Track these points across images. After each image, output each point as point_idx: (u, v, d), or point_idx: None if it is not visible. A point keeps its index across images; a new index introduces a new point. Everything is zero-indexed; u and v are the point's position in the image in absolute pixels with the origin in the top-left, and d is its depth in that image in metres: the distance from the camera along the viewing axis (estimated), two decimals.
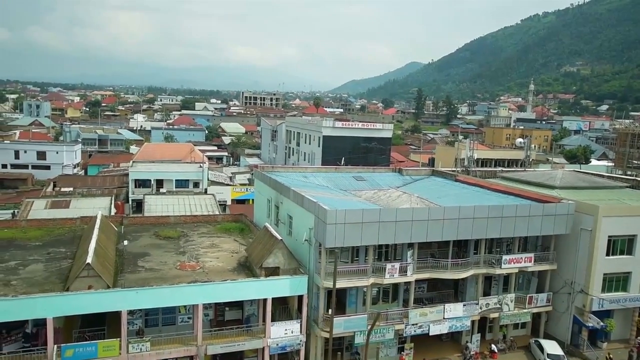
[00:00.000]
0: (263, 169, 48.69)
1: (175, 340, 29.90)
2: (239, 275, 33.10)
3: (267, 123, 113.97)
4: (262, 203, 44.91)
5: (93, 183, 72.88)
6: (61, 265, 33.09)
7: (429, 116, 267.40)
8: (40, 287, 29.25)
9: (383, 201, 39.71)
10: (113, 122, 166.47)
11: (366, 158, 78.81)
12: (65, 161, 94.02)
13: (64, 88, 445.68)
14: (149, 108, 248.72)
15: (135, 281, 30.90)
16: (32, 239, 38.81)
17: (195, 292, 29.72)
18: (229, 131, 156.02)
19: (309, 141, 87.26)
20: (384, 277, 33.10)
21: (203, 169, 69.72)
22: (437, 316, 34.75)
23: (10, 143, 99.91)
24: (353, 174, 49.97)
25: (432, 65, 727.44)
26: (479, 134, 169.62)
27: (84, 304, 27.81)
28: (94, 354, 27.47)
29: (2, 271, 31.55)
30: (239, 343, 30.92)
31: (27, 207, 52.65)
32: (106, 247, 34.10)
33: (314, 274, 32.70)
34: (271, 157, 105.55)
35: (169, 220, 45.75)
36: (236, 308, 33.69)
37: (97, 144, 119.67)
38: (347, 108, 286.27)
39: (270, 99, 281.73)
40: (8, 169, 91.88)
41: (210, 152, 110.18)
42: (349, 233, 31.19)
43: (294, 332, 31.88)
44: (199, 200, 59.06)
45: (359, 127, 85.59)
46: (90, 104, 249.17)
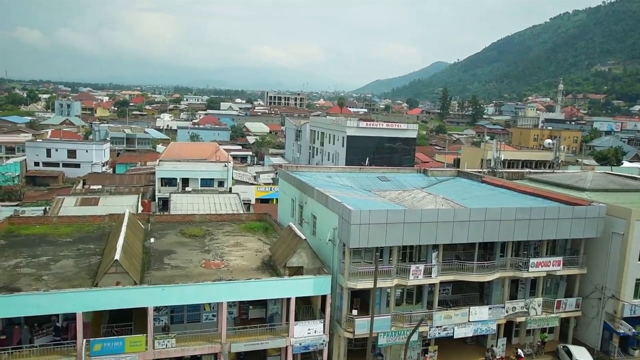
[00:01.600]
0: (287, 169, 48.86)
1: (200, 337, 30.25)
2: (263, 274, 33.28)
3: (291, 123, 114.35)
4: (286, 202, 45.07)
5: (121, 181, 74.32)
6: (90, 262, 33.83)
7: (454, 116, 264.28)
8: (70, 283, 29.95)
9: (407, 202, 39.40)
10: (140, 122, 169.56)
11: (390, 158, 78.33)
12: (95, 159, 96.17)
13: (93, 88, 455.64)
14: (175, 108, 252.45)
15: (162, 278, 31.36)
16: (63, 235, 39.76)
17: (220, 290, 30.00)
18: (254, 131, 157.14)
19: (333, 141, 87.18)
20: (408, 279, 32.84)
21: (228, 168, 70.38)
22: (461, 319, 34.31)
23: (42, 141, 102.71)
24: (377, 174, 49.72)
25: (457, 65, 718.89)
26: (505, 134, 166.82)
27: (111, 300, 28.38)
28: (121, 349, 28.01)
29: (35, 266, 32.43)
30: (263, 341, 31.10)
31: (58, 204, 54.03)
32: (133, 244, 34.71)
33: (338, 274, 32.65)
34: (295, 157, 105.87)
35: (194, 218, 46.29)
36: (260, 307, 33.88)
37: (125, 142, 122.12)
38: (371, 108, 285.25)
39: (294, 99, 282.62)
40: (40, 167, 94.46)
41: (235, 152, 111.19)
42: (373, 234, 31.05)
43: (317, 331, 31.88)
44: (223, 199, 59.65)
45: (383, 127, 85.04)
46: (119, 103, 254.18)
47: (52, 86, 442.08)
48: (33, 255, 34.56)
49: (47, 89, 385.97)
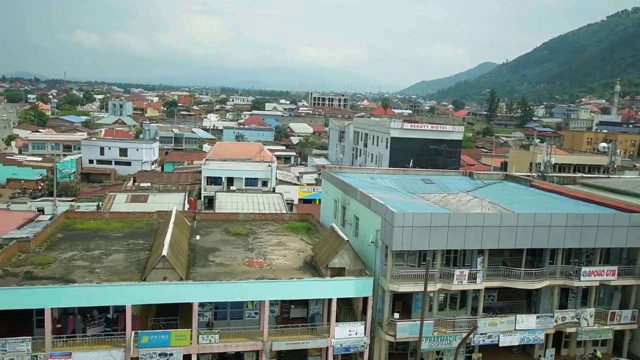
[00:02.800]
0: (330, 170, 48.93)
1: (242, 334, 30.72)
2: (305, 274, 33.45)
3: (335, 124, 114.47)
4: (328, 203, 45.15)
5: (169, 179, 76.60)
6: (139, 256, 35.02)
7: (502, 118, 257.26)
8: (120, 276, 31.12)
9: (452, 205, 38.65)
10: (188, 122, 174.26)
11: (435, 161, 77.09)
12: (144, 158, 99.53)
13: (144, 89, 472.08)
14: (222, 108, 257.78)
15: (206, 275, 32.08)
16: (114, 230, 41.36)
17: (263, 288, 30.39)
18: (297, 131, 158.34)
19: (376, 142, 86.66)
20: (452, 283, 32.19)
21: (272, 168, 71.22)
22: (507, 327, 33.32)
23: (96, 140, 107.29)
24: (421, 176, 49.05)
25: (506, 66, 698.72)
26: (556, 137, 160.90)
27: (159, 294, 29.28)
28: (167, 342, 28.82)
29: (88, 259, 33.89)
30: (304, 341, 31.26)
31: (110, 200, 56.25)
32: (180, 241, 35.68)
33: (380, 277, 32.41)
34: (338, 158, 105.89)
35: (238, 217, 47.08)
36: (301, 306, 34.07)
37: (173, 142, 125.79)
38: (416, 109, 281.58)
39: (338, 100, 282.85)
40: (94, 164, 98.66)
41: (279, 152, 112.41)
42: (416, 236, 30.64)
43: (358, 333, 31.75)
44: (267, 199, 60.42)
45: (428, 129, 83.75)
46: (168, 104, 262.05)
47: (106, 87, 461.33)
48: (87, 248, 36.12)
49: (101, 89, 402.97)
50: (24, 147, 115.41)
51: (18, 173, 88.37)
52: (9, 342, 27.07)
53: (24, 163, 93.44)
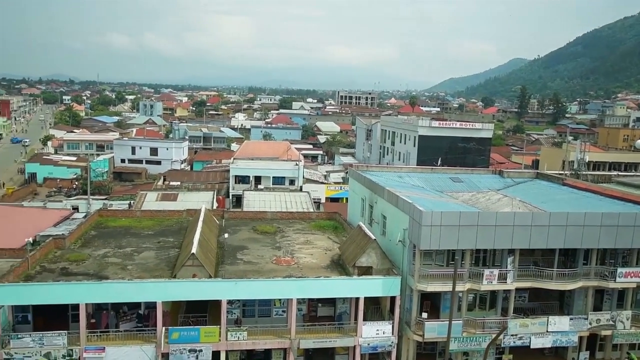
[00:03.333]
0: (357, 168, 48.80)
1: (270, 331, 30.96)
2: (332, 273, 33.48)
3: (362, 122, 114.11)
4: (356, 202, 45.05)
5: (197, 178, 77.75)
6: (169, 254, 35.68)
7: (533, 115, 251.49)
8: (151, 273, 31.78)
9: (482, 204, 38.04)
10: (216, 121, 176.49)
11: (464, 159, 76.03)
12: (174, 157, 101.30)
13: (174, 89, 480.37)
14: (249, 107, 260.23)
15: (235, 272, 32.45)
16: (145, 228, 42.23)
17: (290, 286, 30.55)
18: (324, 130, 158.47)
19: (404, 141, 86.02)
20: (482, 283, 31.69)
21: (299, 167, 71.49)
22: (539, 328, 32.62)
23: (128, 140, 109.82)
24: (450, 175, 48.42)
25: (538, 61, 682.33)
26: (590, 134, 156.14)
27: (188, 291, 29.78)
28: (196, 339, 29.30)
29: (120, 256, 34.72)
30: (331, 339, 31.30)
31: (141, 198, 57.48)
32: (209, 239, 36.18)
33: (408, 276, 32.17)
34: (365, 156, 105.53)
35: (266, 215, 47.43)
36: (329, 305, 34.11)
37: (201, 141, 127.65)
38: (444, 107, 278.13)
39: (365, 98, 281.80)
40: (126, 163, 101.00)
41: (306, 151, 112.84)
42: (445, 236, 30.29)
43: (386, 333, 31.61)
44: (294, 197, 60.70)
45: (457, 127, 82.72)
46: (197, 103, 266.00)
47: (137, 88, 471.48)
48: (119, 246, 37.01)
49: (132, 90, 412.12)
50: (59, 147, 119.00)
51: (54, 172, 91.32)
52: (46, 336, 27.99)
53: (60, 162, 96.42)
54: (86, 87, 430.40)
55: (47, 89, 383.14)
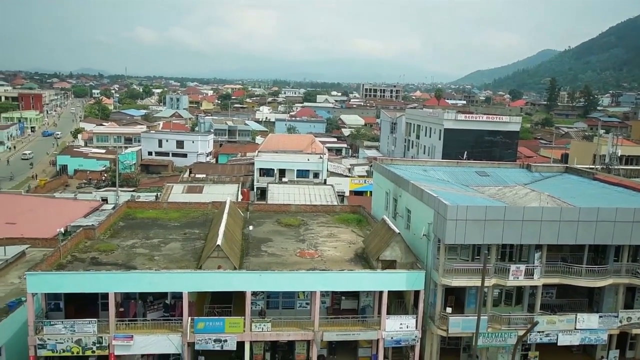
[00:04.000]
0: (382, 162, 48.55)
1: (293, 323, 31.20)
2: (356, 266, 33.50)
3: (387, 115, 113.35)
4: (380, 195, 44.87)
5: (223, 171, 78.62)
6: (195, 245, 36.22)
7: (562, 108, 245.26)
8: (177, 264, 32.33)
9: (508, 198, 37.42)
10: (241, 114, 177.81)
11: (490, 152, 74.88)
12: (200, 150, 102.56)
13: (199, 83, 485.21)
14: (274, 100, 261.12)
15: (259, 264, 32.76)
16: (172, 219, 42.93)
17: (314, 279, 30.70)
18: (349, 123, 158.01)
19: (429, 134, 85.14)
20: (508, 279, 31.25)
21: (323, 160, 71.56)
22: (567, 325, 32.02)
23: (155, 133, 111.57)
24: (476, 168, 47.75)
25: (568, 53, 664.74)
26: (623, 127, 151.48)
27: (213, 282, 30.23)
28: (221, 329, 29.75)
29: (148, 247, 35.42)
30: (354, 332, 31.38)
31: (168, 190, 58.44)
32: (234, 231, 36.58)
33: (432, 270, 31.96)
34: (390, 150, 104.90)
35: (290, 208, 47.65)
36: (352, 298, 34.19)
37: (226, 134, 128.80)
38: (470, 100, 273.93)
39: (390, 91, 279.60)
40: (153, 156, 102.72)
41: (330, 144, 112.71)
42: (470, 230, 29.93)
43: (410, 327, 31.52)
44: (318, 190, 60.84)
45: (483, 120, 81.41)
46: (222, 97, 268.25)
47: (163, 81, 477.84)
48: (146, 237, 37.74)
49: (159, 84, 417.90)
50: (89, 139, 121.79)
51: (84, 164, 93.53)
52: (77, 323, 28.82)
53: (89, 155, 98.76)
54: (115, 81, 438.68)
55: (77, 83, 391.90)
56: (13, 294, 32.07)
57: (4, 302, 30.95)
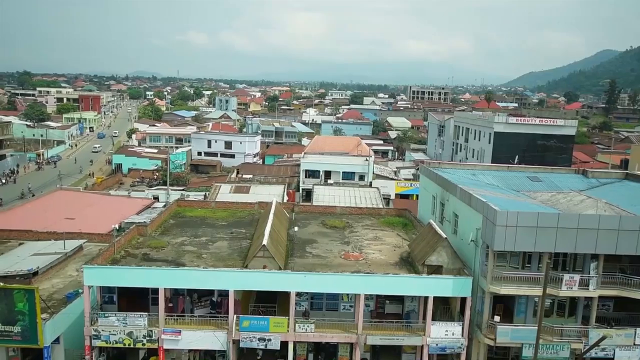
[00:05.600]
0: (429, 165, 47.78)
1: (337, 325, 31.17)
2: (401, 270, 33.12)
3: (435, 118, 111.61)
4: (426, 199, 44.18)
5: (269, 171, 79.71)
6: (241, 245, 36.87)
7: (623, 111, 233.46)
8: (224, 262, 33.01)
9: (562, 205, 35.94)
10: (288, 116, 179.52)
11: (543, 157, 72.30)
12: (247, 151, 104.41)
13: (248, 85, 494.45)
14: (320, 102, 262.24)
15: (304, 265, 32.96)
16: (219, 218, 43.89)
17: (358, 282, 30.55)
18: (395, 125, 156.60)
19: (478, 137, 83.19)
20: (560, 289, 29.98)
21: (369, 162, 71.24)
22: (625, 340, 30.40)
23: (205, 133, 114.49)
24: (527, 173, 46.17)
25: (630, 53, 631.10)
26: None
27: (259, 281, 30.63)
28: (266, 328, 30.12)
29: (196, 245, 36.37)
30: (398, 337, 31.01)
31: (216, 190, 59.81)
32: (279, 231, 36.99)
33: (480, 277, 31.14)
34: (437, 153, 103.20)
35: (335, 210, 47.70)
36: (396, 302, 33.81)
37: (273, 135, 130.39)
38: (522, 102, 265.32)
39: (438, 93, 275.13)
40: (202, 156, 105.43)
41: (376, 146, 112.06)
42: (520, 237, 28.96)
43: (455, 334, 30.84)
44: (363, 193, 60.57)
45: (536, 123, 78.78)
46: (269, 98, 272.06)
47: (213, 83, 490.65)
48: (195, 235, 38.76)
49: (209, 86, 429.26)
50: (142, 139, 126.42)
51: (137, 163, 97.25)
52: (129, 316, 29.94)
53: (143, 154, 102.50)
54: (167, 83, 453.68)
55: (132, 85, 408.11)
56: (71, 286, 33.69)
57: (63, 293, 32.55)
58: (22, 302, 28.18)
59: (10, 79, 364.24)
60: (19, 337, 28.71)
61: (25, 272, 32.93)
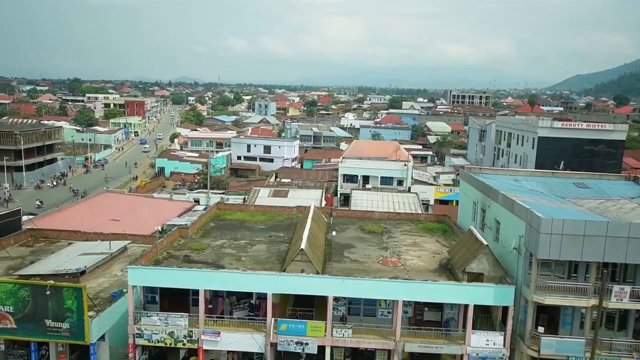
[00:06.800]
0: (470, 170, 46.86)
1: (374, 331, 30.91)
2: (440, 277, 32.57)
3: (475, 122, 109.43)
4: (467, 205, 43.32)
5: (307, 176, 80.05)
6: (280, 248, 37.15)
7: None
8: (262, 265, 33.35)
9: (612, 213, 34.50)
10: (326, 120, 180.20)
11: (590, 163, 69.68)
12: (286, 155, 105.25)
13: (287, 89, 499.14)
14: (359, 107, 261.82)
15: (341, 270, 32.87)
16: (258, 222, 44.39)
17: (396, 288, 30.22)
18: (435, 130, 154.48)
19: (521, 142, 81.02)
20: (609, 301, 28.75)
21: (407, 167, 70.53)
22: None
23: (244, 138, 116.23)
24: (574, 179, 44.59)
25: None
26: None
27: (296, 285, 30.76)
28: (303, 332, 30.19)
29: (235, 248, 36.89)
30: (437, 345, 30.45)
31: (255, 194, 60.54)
32: (317, 235, 37.07)
33: (522, 286, 30.23)
34: (478, 158, 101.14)
35: (373, 215, 47.40)
36: (435, 310, 33.23)
37: (312, 140, 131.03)
38: (568, 106, 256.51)
39: (479, 97, 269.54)
40: (242, 160, 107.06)
41: (415, 151, 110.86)
42: (566, 245, 27.95)
43: (497, 344, 30.02)
44: (402, 198, 59.97)
45: (583, 128, 75.98)
46: (308, 103, 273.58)
47: (253, 88, 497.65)
48: (234, 238, 39.33)
49: (249, 91, 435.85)
50: (184, 144, 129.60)
51: (179, 167, 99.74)
52: (170, 317, 30.65)
53: (184, 158, 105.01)
54: (208, 89, 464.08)
55: (175, 90, 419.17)
56: (116, 285, 34.79)
57: (108, 292, 33.67)
58: (70, 300, 29.37)
59: (62, 85, 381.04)
60: (67, 333, 29.90)
61: (74, 271, 34.25)
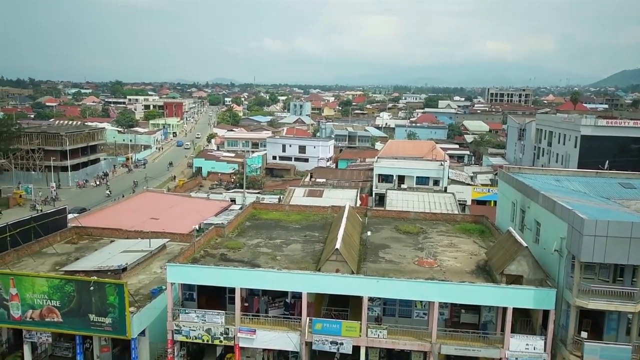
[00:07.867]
0: (508, 170, 45.78)
1: (409, 333, 30.61)
2: (477, 279, 31.96)
3: (514, 121, 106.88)
4: (505, 206, 42.34)
5: (342, 176, 79.99)
6: (314, 248, 37.29)
7: None
8: (298, 265, 33.55)
9: None
10: (361, 120, 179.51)
11: (637, 162, 66.86)
12: (320, 155, 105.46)
13: (321, 89, 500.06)
14: (394, 106, 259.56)
15: (376, 270, 32.72)
16: (293, 221, 44.68)
17: (432, 289, 29.84)
18: (472, 129, 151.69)
19: (562, 141, 78.62)
20: None
21: (444, 167, 69.50)
22: None
23: (279, 138, 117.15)
24: (619, 179, 42.94)
25: None
26: None
27: (332, 285, 30.77)
28: (338, 332, 30.20)
29: (271, 247, 37.27)
30: (474, 348, 29.88)
31: (290, 193, 60.98)
32: (352, 235, 37.01)
33: (564, 289, 29.31)
34: (517, 158, 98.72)
35: (408, 215, 46.96)
36: (472, 312, 32.62)
37: (346, 140, 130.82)
38: (613, 103, 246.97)
39: (518, 95, 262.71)
40: (277, 160, 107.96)
41: (452, 151, 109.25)
42: (611, 248, 26.92)
43: (537, 349, 29.22)
44: (438, 198, 59.19)
45: (630, 126, 73.10)
46: (343, 103, 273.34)
47: (288, 89, 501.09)
48: (270, 237, 39.73)
49: (284, 91, 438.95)
50: (221, 144, 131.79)
51: (216, 167, 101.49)
52: (207, 314, 31.24)
53: (221, 158, 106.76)
54: (244, 90, 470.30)
55: (212, 91, 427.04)
56: (155, 282, 35.74)
57: (148, 289, 34.61)
58: (112, 296, 30.35)
59: (105, 88, 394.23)
60: (109, 328, 30.91)
61: (116, 268, 35.40)
